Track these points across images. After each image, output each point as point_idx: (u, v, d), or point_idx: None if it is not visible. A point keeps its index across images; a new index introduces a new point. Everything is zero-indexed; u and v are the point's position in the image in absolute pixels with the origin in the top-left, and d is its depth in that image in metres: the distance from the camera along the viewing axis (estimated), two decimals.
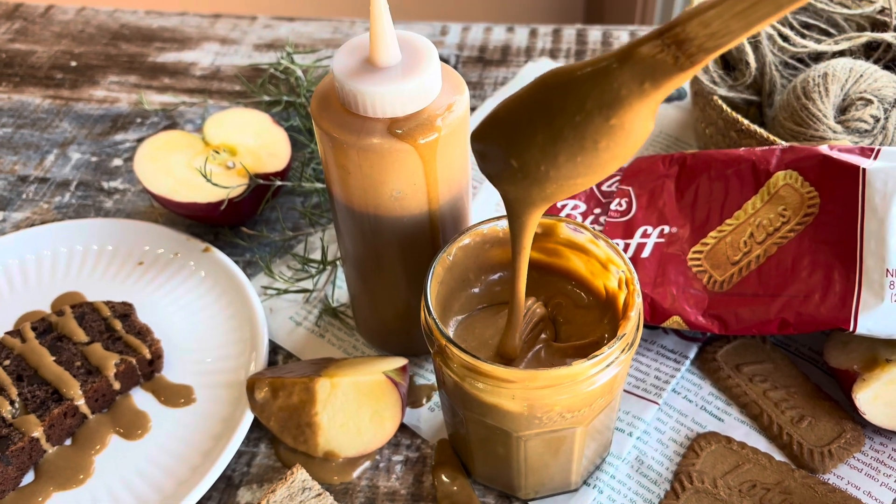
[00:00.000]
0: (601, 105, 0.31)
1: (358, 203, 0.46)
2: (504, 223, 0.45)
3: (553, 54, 0.84)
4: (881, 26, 0.63)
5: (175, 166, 0.61)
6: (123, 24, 0.92)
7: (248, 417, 0.50)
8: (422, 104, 0.42)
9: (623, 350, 0.40)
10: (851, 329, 0.46)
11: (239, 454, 0.51)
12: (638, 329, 0.41)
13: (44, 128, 0.77)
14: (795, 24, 0.63)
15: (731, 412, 0.51)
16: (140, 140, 0.75)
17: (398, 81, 0.41)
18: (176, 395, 0.53)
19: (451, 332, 0.45)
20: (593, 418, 0.42)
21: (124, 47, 0.88)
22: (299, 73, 0.74)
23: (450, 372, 0.41)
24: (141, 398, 0.53)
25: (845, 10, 0.63)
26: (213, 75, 0.83)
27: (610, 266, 0.44)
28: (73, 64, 0.86)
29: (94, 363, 0.52)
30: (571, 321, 0.46)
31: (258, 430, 0.52)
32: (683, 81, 0.31)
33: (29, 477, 0.49)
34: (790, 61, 0.63)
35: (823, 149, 0.50)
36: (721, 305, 0.50)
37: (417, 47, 0.43)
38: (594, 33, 0.86)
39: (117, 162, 0.73)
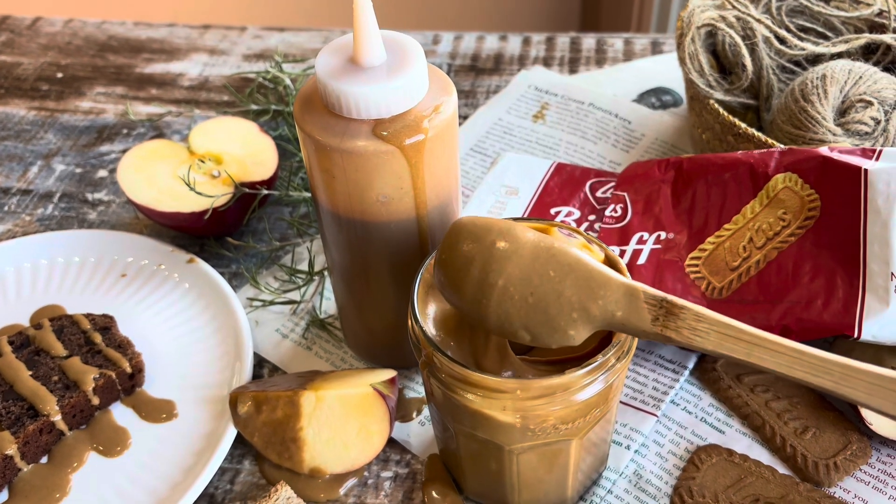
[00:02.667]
0: (580, 296, 0.36)
1: (343, 209, 0.44)
2: None
3: (546, 62, 0.82)
4: (879, 28, 0.62)
5: (159, 176, 0.60)
6: (111, 35, 0.90)
7: (232, 433, 0.48)
8: (408, 105, 0.41)
9: (618, 358, 0.38)
10: (856, 335, 0.45)
11: (222, 471, 0.49)
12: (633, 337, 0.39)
13: (28, 139, 0.76)
14: (792, 27, 0.62)
15: (732, 424, 0.49)
16: (126, 151, 0.74)
17: (383, 81, 0.40)
18: (157, 411, 0.51)
19: (439, 342, 0.43)
20: (588, 430, 0.40)
21: (112, 59, 0.87)
22: (288, 81, 0.73)
23: (438, 383, 0.39)
24: (121, 413, 0.51)
25: (843, 13, 0.62)
26: (202, 86, 0.82)
27: None
28: (60, 75, 0.84)
29: (72, 377, 0.50)
30: None
31: (242, 445, 0.50)
32: (639, 335, 0.36)
33: (2, 496, 0.47)
34: (787, 65, 0.62)
35: (823, 150, 0.48)
36: (721, 312, 0.48)
37: (403, 47, 0.42)
38: (588, 41, 0.85)
39: (102, 173, 0.72)
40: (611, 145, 0.70)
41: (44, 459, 0.49)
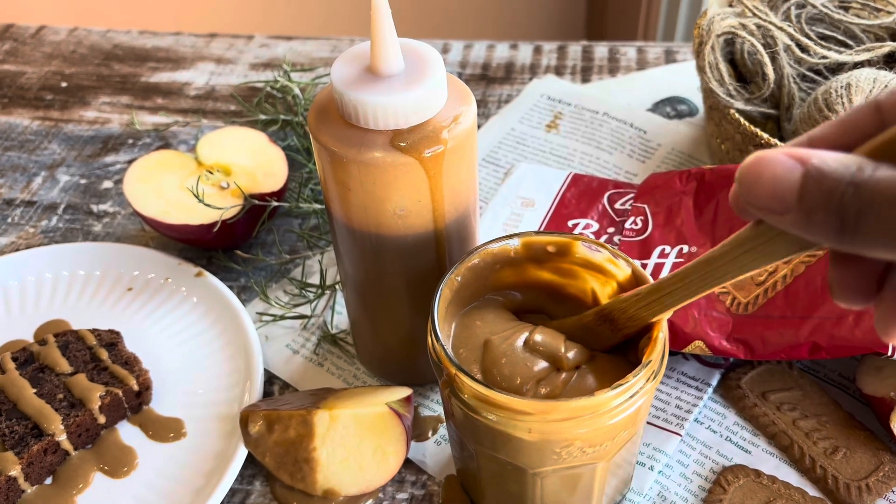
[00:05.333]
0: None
1: (358, 222, 0.43)
2: (516, 241, 0.42)
3: (558, 71, 0.81)
4: None
5: (166, 187, 0.59)
6: (116, 44, 0.89)
7: (242, 453, 0.47)
8: (426, 115, 0.40)
9: (648, 379, 0.36)
10: (889, 354, 0.43)
11: (232, 492, 0.47)
12: (663, 357, 0.38)
13: (31, 150, 0.75)
14: (813, 35, 0.61)
15: (758, 443, 0.48)
16: (131, 162, 0.72)
17: (401, 91, 0.38)
18: (165, 429, 0.50)
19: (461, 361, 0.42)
20: (615, 453, 0.39)
21: (117, 68, 0.86)
22: (297, 90, 0.71)
23: (459, 403, 0.37)
24: (127, 432, 0.50)
25: (863, 21, 0.61)
26: (208, 95, 0.81)
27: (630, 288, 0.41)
28: (64, 85, 0.83)
29: (77, 395, 0.49)
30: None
31: (253, 466, 0.48)
32: (621, 340, 0.39)
33: None
34: (808, 73, 0.60)
35: None
36: (746, 329, 0.47)
37: (421, 55, 0.41)
38: (601, 49, 0.84)
39: (107, 184, 0.70)
40: (626, 155, 0.69)
41: (48, 480, 0.47)
